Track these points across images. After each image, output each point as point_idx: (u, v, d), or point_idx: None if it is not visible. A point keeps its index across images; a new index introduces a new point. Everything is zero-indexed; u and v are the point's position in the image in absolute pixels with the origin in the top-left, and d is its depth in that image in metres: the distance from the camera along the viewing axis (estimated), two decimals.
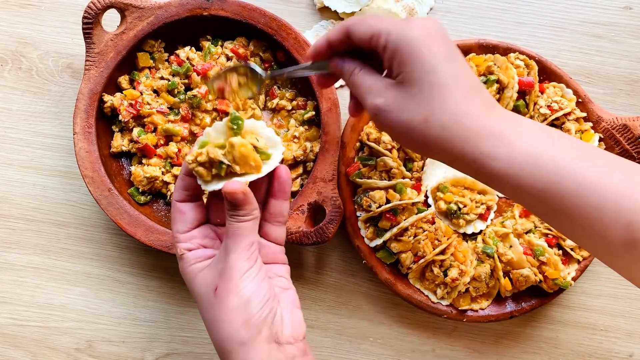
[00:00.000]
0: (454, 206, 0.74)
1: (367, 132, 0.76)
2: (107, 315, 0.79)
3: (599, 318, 0.79)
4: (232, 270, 0.50)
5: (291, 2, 0.84)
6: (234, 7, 0.74)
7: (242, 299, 0.50)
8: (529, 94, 0.75)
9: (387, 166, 0.74)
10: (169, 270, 0.80)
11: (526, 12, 0.83)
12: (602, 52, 0.83)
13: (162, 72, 0.77)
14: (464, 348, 0.78)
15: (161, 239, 0.71)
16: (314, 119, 0.78)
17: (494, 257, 0.73)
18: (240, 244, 0.51)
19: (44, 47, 0.83)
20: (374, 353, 0.79)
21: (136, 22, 0.73)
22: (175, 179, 0.76)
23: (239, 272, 0.50)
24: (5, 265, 0.80)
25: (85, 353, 0.79)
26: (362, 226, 0.76)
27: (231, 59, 0.78)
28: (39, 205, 0.81)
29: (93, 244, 0.81)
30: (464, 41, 0.76)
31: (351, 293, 0.80)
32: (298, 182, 0.77)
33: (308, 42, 0.74)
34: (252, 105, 0.80)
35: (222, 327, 0.50)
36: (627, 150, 0.73)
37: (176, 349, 0.79)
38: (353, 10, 0.81)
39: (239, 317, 0.49)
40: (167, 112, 0.76)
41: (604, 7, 0.83)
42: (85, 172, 0.72)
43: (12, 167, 0.82)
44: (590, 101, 0.75)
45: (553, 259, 0.72)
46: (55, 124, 0.82)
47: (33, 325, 0.79)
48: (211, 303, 0.51)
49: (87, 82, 0.73)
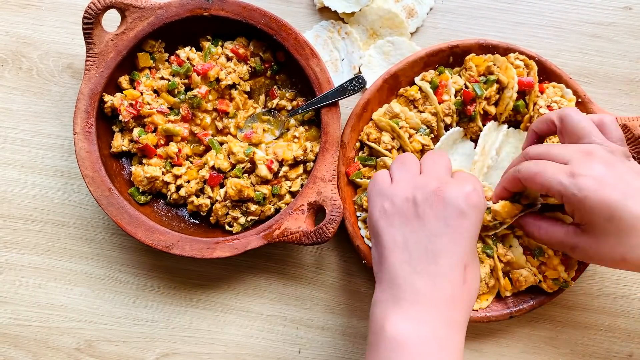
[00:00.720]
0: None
1: (367, 132, 0.76)
2: (108, 315, 0.80)
3: (599, 318, 0.79)
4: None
5: (291, 3, 0.84)
6: (234, 7, 0.74)
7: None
8: (528, 94, 0.75)
9: (387, 166, 0.74)
10: (170, 270, 0.80)
11: (526, 12, 0.83)
12: (601, 52, 0.83)
13: (162, 72, 0.78)
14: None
15: (161, 239, 0.71)
16: (314, 119, 0.79)
17: (493, 257, 0.74)
18: None
19: (44, 47, 0.83)
20: None
21: (136, 22, 0.73)
22: (175, 179, 0.76)
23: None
24: (6, 265, 0.80)
25: (85, 353, 0.79)
26: (362, 226, 0.76)
27: (231, 59, 0.78)
28: (40, 205, 0.81)
29: (93, 244, 0.81)
30: (464, 41, 0.77)
31: (351, 293, 0.80)
32: (298, 182, 0.77)
33: (308, 42, 0.74)
34: (253, 105, 0.81)
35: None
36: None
37: (176, 349, 0.79)
38: (353, 11, 0.81)
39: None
40: (167, 112, 0.76)
41: (603, 7, 0.83)
42: (86, 172, 0.72)
43: (12, 167, 0.82)
44: (590, 101, 0.75)
45: (553, 259, 0.72)
46: (56, 124, 0.82)
47: (34, 325, 0.79)
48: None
49: (87, 82, 0.73)
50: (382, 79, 0.76)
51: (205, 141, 0.77)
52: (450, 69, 0.78)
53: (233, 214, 0.75)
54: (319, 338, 0.79)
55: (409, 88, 0.77)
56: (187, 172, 0.76)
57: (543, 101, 0.75)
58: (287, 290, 0.80)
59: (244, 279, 0.80)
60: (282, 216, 0.71)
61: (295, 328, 0.79)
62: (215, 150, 0.76)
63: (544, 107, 0.74)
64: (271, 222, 0.72)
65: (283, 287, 0.80)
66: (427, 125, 0.76)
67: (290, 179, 0.76)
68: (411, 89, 0.77)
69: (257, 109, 0.80)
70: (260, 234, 0.71)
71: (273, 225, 0.71)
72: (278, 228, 0.71)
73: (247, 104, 0.80)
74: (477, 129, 0.77)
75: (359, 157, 0.77)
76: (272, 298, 0.80)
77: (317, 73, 0.74)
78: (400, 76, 0.77)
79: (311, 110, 0.75)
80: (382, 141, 0.75)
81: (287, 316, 0.79)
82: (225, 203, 0.75)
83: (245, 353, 0.79)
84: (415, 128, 0.76)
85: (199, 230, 0.77)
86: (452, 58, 0.78)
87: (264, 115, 0.80)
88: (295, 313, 0.79)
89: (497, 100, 0.77)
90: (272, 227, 0.71)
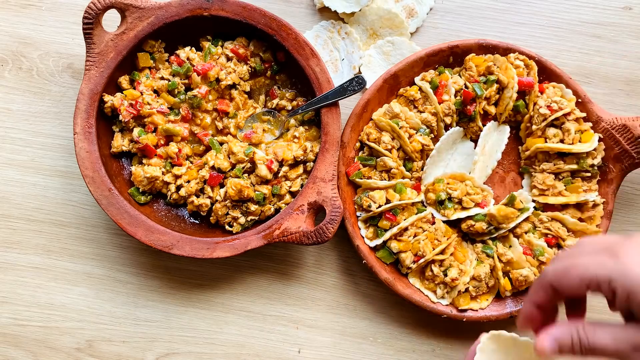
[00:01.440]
0: (443, 195, 0.74)
1: (367, 132, 0.76)
2: (108, 315, 0.80)
3: (599, 318, 0.79)
4: None
5: (291, 3, 0.84)
6: (234, 8, 0.74)
7: None
8: (528, 94, 0.75)
9: (387, 166, 0.74)
10: (169, 270, 0.80)
11: (526, 12, 0.83)
12: (602, 52, 0.83)
13: (162, 72, 0.78)
14: (464, 348, 0.79)
15: (161, 239, 0.71)
16: (314, 119, 0.79)
17: (493, 257, 0.74)
18: None
19: (44, 47, 0.83)
20: (374, 353, 0.79)
21: (136, 23, 0.73)
22: (175, 179, 0.76)
23: None
24: (6, 265, 0.80)
25: (85, 353, 0.79)
26: (362, 226, 0.76)
27: (231, 60, 0.78)
28: (40, 205, 0.81)
29: (93, 244, 0.81)
30: (464, 41, 0.77)
31: (351, 293, 0.80)
32: (298, 182, 0.77)
33: (308, 43, 0.74)
34: (253, 105, 0.81)
35: None
36: (627, 150, 0.73)
37: (176, 349, 0.79)
38: (353, 11, 0.81)
39: None
40: (167, 112, 0.76)
41: (603, 7, 0.83)
42: (86, 172, 0.72)
43: (12, 167, 0.82)
44: (589, 101, 0.75)
45: (553, 259, 0.73)
46: (56, 124, 0.82)
47: (34, 325, 0.79)
48: None
49: (87, 82, 0.73)
50: (382, 79, 0.76)
51: (206, 141, 0.77)
52: (450, 69, 0.78)
53: (233, 214, 0.75)
54: (319, 338, 0.79)
55: (409, 88, 0.77)
56: (187, 172, 0.76)
57: (543, 101, 0.75)
58: (287, 290, 0.80)
59: (244, 279, 0.80)
60: (282, 216, 0.71)
61: (295, 328, 0.79)
62: (216, 150, 0.76)
63: (544, 107, 0.74)
64: (271, 222, 0.72)
65: (283, 287, 0.80)
66: (427, 125, 0.76)
67: (290, 179, 0.76)
68: (411, 89, 0.77)
69: (257, 109, 0.80)
70: (260, 234, 0.71)
71: (273, 225, 0.71)
72: (278, 228, 0.71)
73: (247, 104, 0.80)
74: (477, 129, 0.77)
75: (359, 157, 0.77)
76: (272, 298, 0.80)
77: (317, 73, 0.74)
78: (400, 76, 0.77)
79: (311, 110, 0.75)
80: (382, 141, 0.75)
81: (287, 316, 0.79)
82: (225, 203, 0.75)
83: (245, 353, 0.79)
84: (415, 128, 0.76)
85: (199, 230, 0.77)
86: (452, 58, 0.78)
87: (264, 115, 0.80)
88: (295, 313, 0.79)
89: (497, 100, 0.77)
90: (272, 227, 0.71)
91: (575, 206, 0.75)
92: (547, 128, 0.75)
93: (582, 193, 0.74)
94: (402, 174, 0.75)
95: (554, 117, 0.74)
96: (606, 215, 0.75)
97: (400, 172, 0.75)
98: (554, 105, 0.74)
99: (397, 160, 0.75)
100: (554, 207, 0.76)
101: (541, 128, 0.75)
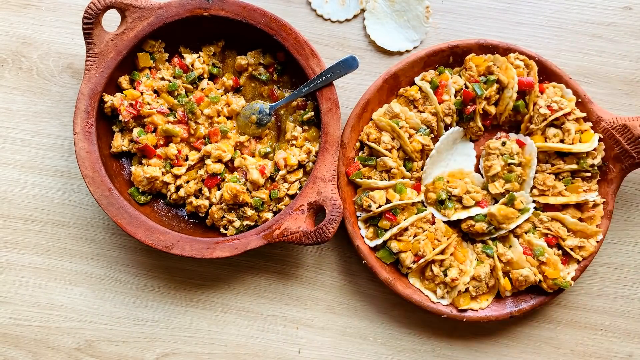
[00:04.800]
0: (443, 194, 0.74)
1: (367, 132, 0.76)
2: (108, 315, 0.80)
3: (599, 318, 0.79)
4: None
5: (291, 3, 0.84)
6: (234, 7, 0.74)
7: None
8: (528, 94, 0.75)
9: (387, 166, 0.74)
10: (169, 270, 0.80)
11: (526, 12, 0.83)
12: (602, 52, 0.83)
13: (162, 73, 0.78)
14: (464, 348, 0.79)
15: (161, 239, 0.71)
16: (314, 119, 0.79)
17: (493, 257, 0.74)
18: None
19: (44, 47, 0.83)
20: (374, 353, 0.79)
21: (136, 22, 0.73)
22: (175, 179, 0.76)
23: None
24: (6, 265, 0.80)
25: (85, 353, 0.79)
26: (362, 226, 0.76)
27: (229, 91, 0.79)
28: (40, 205, 0.81)
29: (93, 244, 0.81)
30: (464, 41, 0.77)
31: (351, 293, 0.80)
32: (296, 185, 0.76)
33: (308, 42, 0.74)
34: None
35: None
36: (627, 150, 0.73)
37: (176, 349, 0.79)
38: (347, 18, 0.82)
39: None
40: (167, 113, 0.76)
41: (604, 7, 0.83)
42: (86, 172, 0.72)
43: (12, 167, 0.82)
44: (590, 101, 0.75)
45: (553, 259, 0.73)
46: (56, 124, 0.82)
47: (34, 325, 0.79)
48: None
49: (87, 82, 0.73)
50: (382, 79, 0.76)
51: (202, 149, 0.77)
52: (450, 69, 0.78)
53: (229, 217, 0.75)
54: (319, 338, 0.79)
55: (409, 88, 0.77)
56: (186, 173, 0.76)
57: (543, 101, 0.75)
58: (287, 290, 0.80)
59: (244, 279, 0.80)
60: (282, 216, 0.71)
61: (295, 328, 0.79)
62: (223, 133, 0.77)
63: (544, 107, 0.74)
64: (271, 222, 0.72)
65: (283, 287, 0.80)
66: (427, 125, 0.76)
67: (289, 182, 0.76)
68: (411, 88, 0.77)
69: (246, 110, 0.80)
70: (260, 234, 0.71)
71: (273, 225, 0.71)
72: (278, 228, 0.71)
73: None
74: (477, 129, 0.77)
75: (359, 157, 0.77)
76: (272, 298, 0.80)
77: (317, 73, 0.74)
78: (400, 76, 0.77)
79: (304, 95, 0.74)
80: (382, 141, 0.75)
81: (287, 316, 0.79)
82: (221, 206, 0.75)
83: (245, 353, 0.79)
84: (415, 128, 0.76)
85: (198, 230, 0.77)
86: (452, 58, 0.78)
87: (253, 115, 0.79)
88: (295, 313, 0.79)
89: (497, 100, 0.77)
90: (272, 227, 0.71)
91: (575, 206, 0.75)
92: (547, 128, 0.75)
93: (582, 193, 0.74)
94: (402, 174, 0.75)
95: (554, 117, 0.74)
96: (606, 215, 0.75)
97: (400, 172, 0.75)
98: (554, 105, 0.74)
99: (397, 160, 0.75)
100: (554, 207, 0.76)
101: (541, 128, 0.75)
